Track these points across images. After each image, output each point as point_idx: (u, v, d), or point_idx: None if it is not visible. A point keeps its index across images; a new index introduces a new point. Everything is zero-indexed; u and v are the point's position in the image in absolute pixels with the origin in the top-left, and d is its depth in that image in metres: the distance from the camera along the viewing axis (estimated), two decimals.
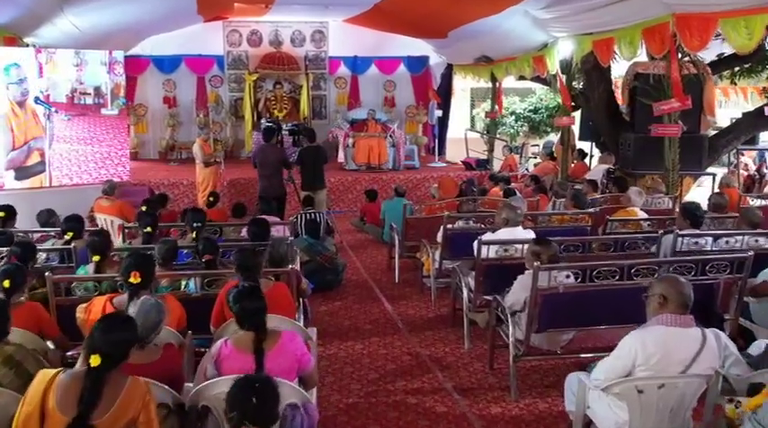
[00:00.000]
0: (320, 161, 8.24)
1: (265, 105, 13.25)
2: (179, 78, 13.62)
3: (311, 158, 8.17)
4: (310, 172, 8.23)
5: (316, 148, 8.29)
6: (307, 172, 8.26)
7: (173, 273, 4.07)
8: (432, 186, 8.49)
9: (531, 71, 10.68)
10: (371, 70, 14.23)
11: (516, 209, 4.91)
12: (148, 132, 13.69)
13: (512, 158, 11.45)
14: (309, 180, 8.24)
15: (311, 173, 8.22)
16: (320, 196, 8.27)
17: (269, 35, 13.73)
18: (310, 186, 8.21)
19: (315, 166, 8.21)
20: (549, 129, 16.48)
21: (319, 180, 8.28)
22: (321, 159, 8.25)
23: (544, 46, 10.14)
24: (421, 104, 14.17)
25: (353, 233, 9.17)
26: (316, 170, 8.23)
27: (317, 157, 8.21)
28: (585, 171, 10.27)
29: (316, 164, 8.20)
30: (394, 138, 11.56)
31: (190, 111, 13.66)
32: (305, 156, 8.20)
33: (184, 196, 10.40)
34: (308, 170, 8.24)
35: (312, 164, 8.18)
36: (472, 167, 11.30)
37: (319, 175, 8.28)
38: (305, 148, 8.36)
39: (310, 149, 8.27)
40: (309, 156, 8.18)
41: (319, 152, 8.29)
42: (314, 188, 8.21)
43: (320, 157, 8.24)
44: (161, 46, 13.29)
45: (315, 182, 8.23)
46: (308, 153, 8.23)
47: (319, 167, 8.27)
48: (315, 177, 8.22)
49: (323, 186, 8.37)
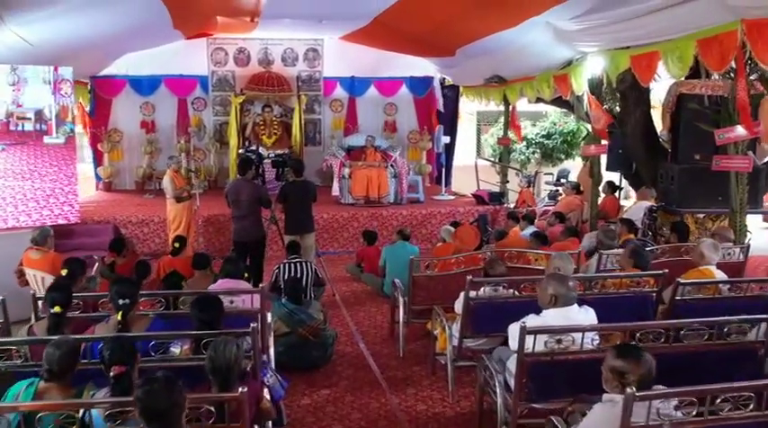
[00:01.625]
0: (308, 199, 6.91)
1: (253, 130, 11.96)
2: (158, 101, 12.36)
3: (297, 195, 6.83)
4: (296, 212, 6.89)
5: (303, 184, 6.95)
6: (292, 212, 6.92)
7: (65, 403, 2.60)
8: (443, 228, 7.11)
9: (550, 92, 9.38)
10: (370, 92, 12.98)
11: (567, 281, 3.52)
12: (124, 160, 12.39)
13: (527, 192, 10.11)
14: (295, 222, 6.90)
15: (297, 214, 6.88)
16: (308, 241, 6.91)
17: (258, 53, 12.50)
18: (296, 229, 6.87)
19: (302, 205, 6.87)
20: (564, 156, 15.21)
21: (307, 222, 6.94)
22: (309, 196, 6.92)
23: (568, 63, 8.89)
24: (425, 129, 12.89)
25: (348, 281, 7.78)
26: (303, 209, 6.90)
27: (304, 194, 6.87)
28: (616, 207, 8.92)
29: (303, 202, 6.87)
30: (395, 168, 10.24)
31: (170, 136, 12.38)
32: (289, 192, 6.87)
33: (155, 235, 9.04)
34: (293, 210, 6.90)
35: (298, 202, 6.84)
36: (484, 201, 9.95)
37: (307, 216, 6.95)
38: (290, 183, 7.01)
39: (296, 185, 6.93)
40: (295, 192, 6.84)
41: (307, 188, 6.95)
42: (300, 231, 6.86)
43: (308, 194, 6.91)
44: (138, 65, 12.06)
45: (301, 224, 6.89)
46: (292, 189, 6.89)
47: (307, 206, 6.93)
48: (301, 218, 6.88)
49: (311, 229, 7.02)
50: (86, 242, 8.26)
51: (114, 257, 6.60)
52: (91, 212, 9.26)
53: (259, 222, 6.76)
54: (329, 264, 8.53)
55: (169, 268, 6.53)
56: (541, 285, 3.55)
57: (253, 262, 6.79)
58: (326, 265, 8.36)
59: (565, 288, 3.46)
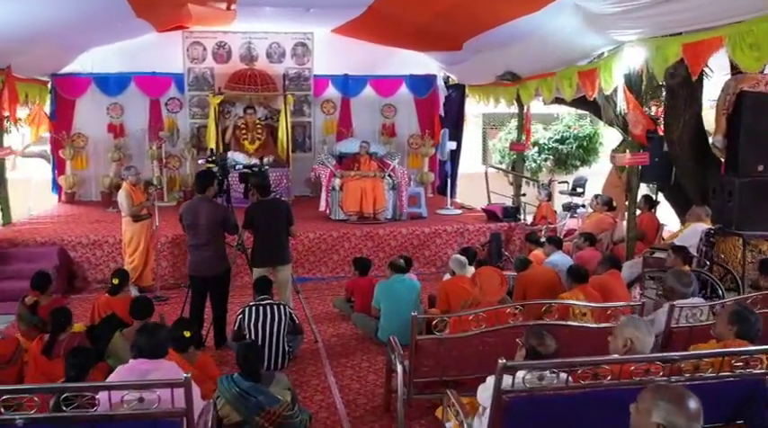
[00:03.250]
0: (280, 222, 5.53)
1: (234, 135, 10.61)
2: (128, 101, 10.99)
3: (266, 219, 5.45)
4: (265, 239, 5.51)
5: (272, 204, 5.55)
6: (260, 240, 5.54)
7: None
8: (453, 258, 5.71)
9: (573, 91, 8.03)
10: (366, 92, 11.61)
11: (677, 397, 2.11)
12: (89, 168, 11.02)
13: (547, 206, 8.72)
14: (264, 252, 5.52)
15: (267, 242, 5.50)
16: (282, 275, 5.53)
17: (240, 49, 11.14)
18: (265, 261, 5.50)
19: (272, 231, 5.49)
20: (579, 162, 13.83)
21: (279, 251, 5.55)
22: (281, 219, 5.54)
23: (598, 56, 7.54)
24: (427, 133, 11.52)
25: (335, 320, 6.40)
26: (274, 236, 5.52)
27: (274, 217, 5.49)
28: (655, 226, 7.56)
29: (274, 226, 5.49)
30: (394, 179, 8.86)
31: (141, 141, 11.01)
32: (256, 215, 5.49)
33: (110, 259, 7.66)
34: (261, 237, 5.52)
35: (268, 227, 5.46)
36: (497, 217, 8.57)
37: (279, 244, 5.57)
38: (256, 205, 5.60)
39: (264, 206, 5.55)
40: (263, 215, 5.47)
41: (278, 209, 5.57)
42: (271, 263, 5.48)
43: (279, 217, 5.53)
44: (105, 62, 10.72)
45: (272, 254, 5.51)
46: (260, 211, 5.51)
47: (278, 232, 5.55)
48: (272, 247, 5.50)
49: (285, 260, 5.63)
50: (25, 269, 6.89)
51: (37, 296, 5.24)
52: (35, 231, 7.89)
53: (222, 252, 5.38)
54: (314, 295, 7.19)
55: (107, 310, 5.19)
56: (643, 402, 2.11)
57: (214, 303, 5.43)
58: (310, 297, 7.02)
59: (681, 414, 2.04)
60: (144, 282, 7.29)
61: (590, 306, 4.08)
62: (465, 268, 5.58)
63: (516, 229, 8.47)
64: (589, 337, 3.80)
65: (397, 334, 5.35)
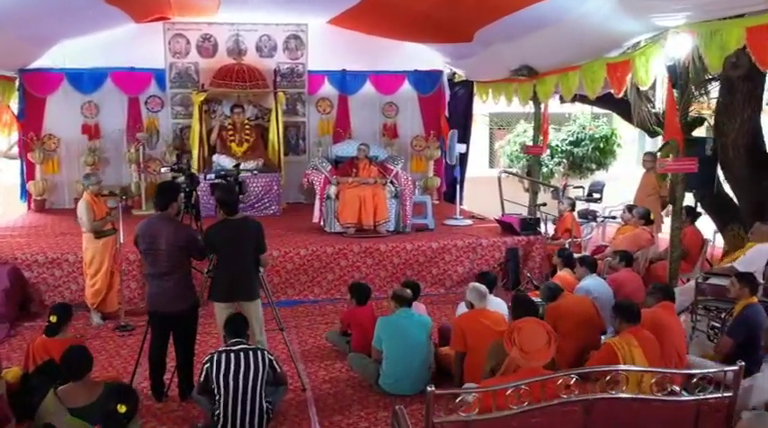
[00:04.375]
0: (246, 247, 4.46)
1: (220, 136, 9.63)
2: (104, 100, 9.98)
3: (229, 243, 4.42)
4: (228, 268, 4.46)
5: (239, 225, 4.48)
6: (222, 268, 4.50)
7: None
8: (471, 288, 4.67)
9: (598, 87, 7.04)
10: (365, 89, 10.61)
11: None
12: (61, 173, 10.03)
13: (571, 216, 7.71)
14: (226, 284, 4.47)
15: (230, 271, 4.46)
16: (252, 310, 4.48)
17: (227, 41, 10.13)
18: (227, 295, 4.46)
19: (237, 258, 4.43)
20: (595, 166, 12.83)
21: (244, 283, 4.49)
22: (249, 244, 4.46)
23: (632, 46, 6.57)
24: (432, 134, 10.53)
25: (328, 358, 5.39)
26: (239, 264, 4.45)
27: (239, 241, 4.43)
28: (699, 241, 6.57)
29: (239, 252, 4.43)
30: (397, 186, 7.86)
31: (118, 143, 10.03)
32: (217, 238, 4.41)
33: (71, 280, 6.64)
34: (223, 265, 4.48)
35: (232, 253, 4.42)
36: (514, 230, 7.56)
37: (245, 275, 4.48)
38: (218, 225, 4.47)
39: (229, 227, 4.45)
40: (226, 238, 4.41)
41: (246, 231, 4.48)
42: (234, 298, 4.45)
43: (246, 241, 4.46)
44: (79, 56, 9.69)
45: (236, 287, 4.46)
46: (222, 233, 4.42)
47: (245, 259, 4.47)
48: (237, 279, 4.45)
49: (251, 295, 4.52)
50: None
51: None
52: None
53: (187, 283, 4.37)
54: (304, 323, 6.20)
55: (43, 356, 4.21)
56: None
57: (178, 345, 4.42)
58: (300, 326, 6.05)
59: None
60: (108, 308, 6.31)
61: (673, 372, 3.06)
62: (485, 299, 4.58)
63: (536, 244, 7.47)
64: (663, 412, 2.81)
65: (404, 383, 4.40)
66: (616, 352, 3.79)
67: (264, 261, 4.52)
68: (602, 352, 3.91)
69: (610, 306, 5.52)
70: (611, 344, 3.84)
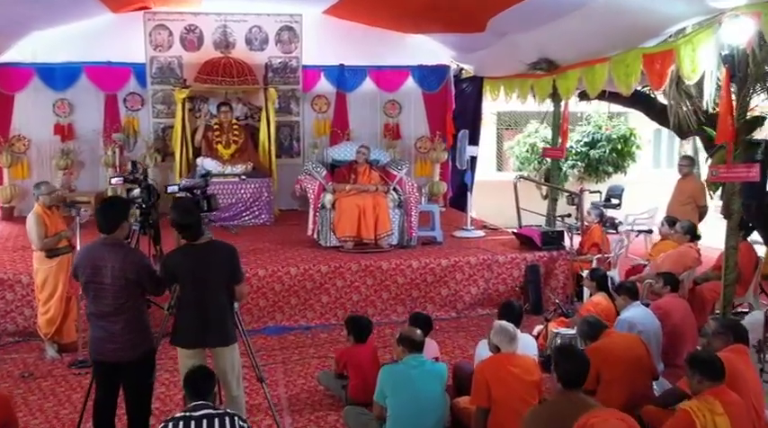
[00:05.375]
0: (217, 281, 3.51)
1: (205, 137, 8.75)
2: (78, 97, 9.10)
3: (193, 275, 3.48)
4: (192, 306, 3.50)
5: (206, 252, 3.51)
6: (185, 306, 3.53)
7: None
8: (497, 328, 3.71)
9: (634, 82, 6.15)
10: (365, 86, 9.71)
11: None
12: (31, 177, 9.07)
13: (599, 229, 6.79)
14: (190, 325, 3.50)
15: (195, 311, 3.50)
16: (223, 361, 3.53)
17: (213, 33, 9.25)
18: (192, 338, 3.51)
19: (203, 293, 3.49)
20: (612, 169, 11.93)
21: (216, 325, 3.50)
22: (219, 276, 3.51)
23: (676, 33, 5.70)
24: (438, 135, 9.63)
25: (319, 409, 4.46)
26: (206, 302, 3.49)
27: (208, 273, 3.48)
28: (752, 261, 5.67)
29: (206, 287, 3.49)
30: (401, 194, 6.96)
31: (95, 145, 9.14)
32: (179, 269, 3.48)
33: (25, 304, 5.74)
34: (187, 302, 3.52)
35: (197, 287, 3.48)
36: (534, 244, 6.64)
37: (216, 314, 3.50)
38: (178, 252, 3.55)
39: (192, 255, 3.49)
40: (189, 269, 3.47)
41: (214, 260, 3.51)
42: (202, 342, 3.52)
43: (217, 273, 3.50)
44: (51, 50, 8.83)
45: (204, 330, 3.48)
46: (185, 263, 3.49)
47: (215, 294, 3.52)
48: (204, 319, 3.48)
49: (226, 340, 3.55)
50: None
51: None
52: None
53: (140, 324, 3.45)
54: (294, 356, 5.31)
55: None
56: None
57: (129, 403, 3.49)
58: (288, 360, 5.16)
59: None
60: (65, 339, 5.41)
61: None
62: (515, 343, 3.68)
63: (559, 261, 6.57)
64: None
65: None
66: (694, 421, 2.89)
67: (240, 294, 3.60)
68: (677, 421, 3.01)
69: (657, 340, 4.68)
70: (689, 412, 2.94)
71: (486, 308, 6.43)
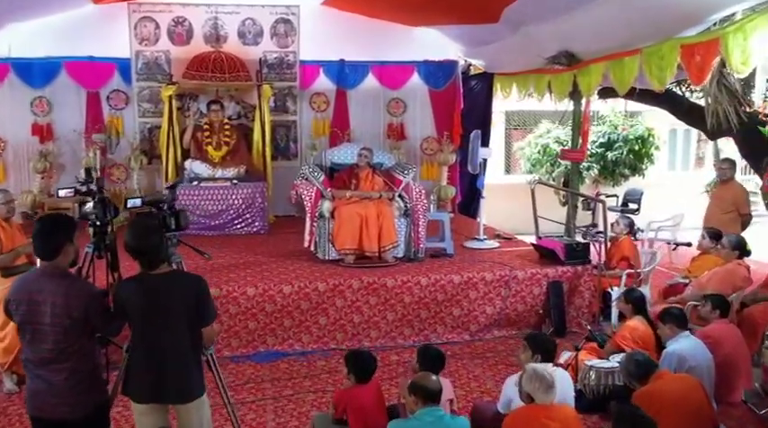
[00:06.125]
0: (178, 322, 2.77)
1: (195, 138, 8.08)
2: (57, 95, 8.45)
3: (149, 313, 2.75)
4: (149, 352, 2.79)
5: (165, 284, 2.76)
6: (140, 352, 2.82)
7: None
8: (531, 372, 3.04)
9: (670, 75, 5.48)
10: (368, 83, 9.04)
11: None
12: (7, 181, 8.42)
13: (628, 241, 6.10)
14: (145, 376, 2.79)
15: (152, 358, 2.78)
16: (191, 416, 2.83)
17: (203, 26, 8.57)
18: (148, 391, 2.80)
19: (162, 337, 2.76)
20: (629, 171, 11.25)
21: (178, 378, 2.80)
22: (180, 313, 2.77)
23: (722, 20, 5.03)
24: (446, 136, 8.95)
25: None
26: (164, 348, 2.78)
27: (168, 311, 2.76)
28: None
29: (166, 329, 2.77)
30: (407, 201, 6.28)
31: (76, 147, 8.47)
32: (131, 305, 2.76)
33: None
34: (142, 346, 2.81)
35: (153, 329, 2.77)
36: (556, 258, 5.95)
37: (175, 364, 2.79)
38: (131, 284, 2.80)
39: (148, 287, 2.76)
40: (144, 306, 2.75)
41: (177, 293, 2.78)
42: (161, 397, 2.81)
43: (177, 310, 2.77)
44: (28, 43, 8.17)
45: (162, 381, 2.77)
46: (136, 299, 2.75)
47: (174, 338, 2.79)
48: (163, 369, 2.77)
49: (190, 394, 2.84)
50: None
51: None
52: None
53: (88, 375, 2.77)
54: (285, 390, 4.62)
55: None
56: None
57: None
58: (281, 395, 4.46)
59: None
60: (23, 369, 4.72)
61: None
62: (552, 392, 3.00)
63: (584, 276, 5.88)
64: None
65: None
66: None
67: (209, 337, 2.92)
68: None
69: (710, 377, 4.00)
70: None
71: (502, 330, 5.75)
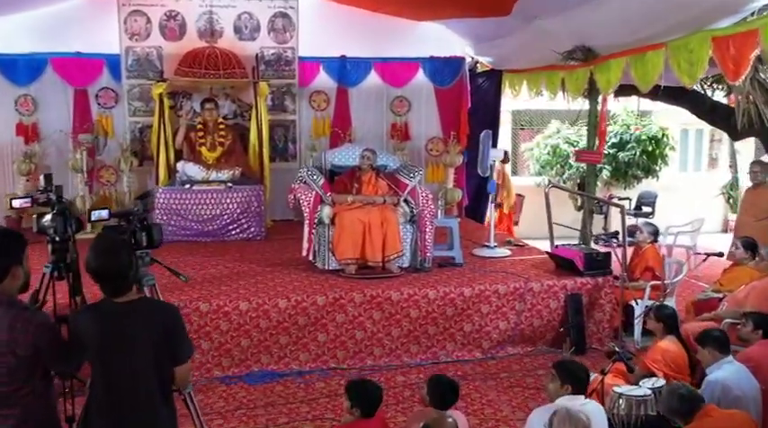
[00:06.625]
0: (142, 357, 2.28)
1: (188, 139, 7.66)
2: (43, 93, 8.02)
3: (110, 349, 2.27)
4: (109, 393, 2.31)
5: (132, 315, 2.27)
6: (99, 392, 2.33)
7: None
8: (563, 417, 2.61)
9: (699, 71, 5.05)
10: (370, 80, 8.61)
11: None
12: None
13: (653, 250, 5.65)
14: (107, 423, 2.31)
15: (121, 402, 2.30)
16: None
17: (197, 21, 8.13)
18: None
19: (125, 377, 2.27)
20: (642, 173, 10.80)
21: (145, 425, 2.34)
22: (146, 350, 2.28)
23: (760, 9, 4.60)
24: (453, 136, 8.51)
25: None
26: (127, 389, 2.29)
27: (134, 347, 2.27)
28: None
29: (130, 368, 2.27)
30: (413, 206, 5.84)
31: (62, 148, 8.03)
32: (89, 339, 2.28)
33: None
34: (106, 390, 2.31)
35: (114, 368, 2.28)
36: (575, 268, 5.49)
37: (146, 407, 2.32)
38: (90, 314, 2.32)
39: (109, 318, 2.28)
40: (104, 342, 2.27)
41: (144, 326, 2.28)
42: None
43: (144, 346, 2.28)
44: (11, 39, 7.73)
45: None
46: (96, 332, 2.27)
47: (139, 379, 2.30)
48: (132, 415, 2.29)
49: None
50: None
51: None
52: None
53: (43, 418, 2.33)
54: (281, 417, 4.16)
55: None
56: None
57: None
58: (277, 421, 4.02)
59: None
60: None
61: None
62: None
63: (605, 288, 5.43)
64: None
65: None
66: None
67: (182, 379, 2.45)
68: None
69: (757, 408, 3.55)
70: None
71: (517, 347, 5.31)
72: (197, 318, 4.78)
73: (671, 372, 4.04)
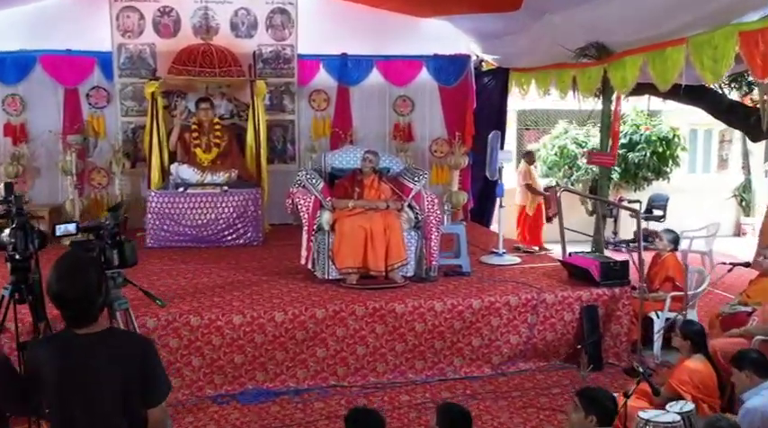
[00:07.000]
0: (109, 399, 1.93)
1: (182, 140, 7.36)
2: (32, 92, 7.75)
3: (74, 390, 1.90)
4: None
5: (97, 349, 1.94)
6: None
7: None
8: None
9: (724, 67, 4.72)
10: (372, 79, 8.31)
11: None
12: None
13: (673, 258, 5.32)
14: None
15: None
16: None
17: (192, 17, 7.84)
18: None
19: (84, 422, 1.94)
20: (653, 175, 10.48)
21: None
22: (114, 391, 1.93)
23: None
24: (458, 137, 8.19)
25: None
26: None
27: (100, 387, 1.91)
28: None
29: (99, 410, 1.93)
30: (418, 212, 5.51)
31: (52, 149, 7.74)
32: (48, 377, 1.91)
33: None
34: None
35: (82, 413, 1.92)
36: (590, 278, 5.16)
37: None
38: (50, 347, 1.98)
39: (72, 353, 1.93)
40: (65, 381, 1.90)
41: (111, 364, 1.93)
42: None
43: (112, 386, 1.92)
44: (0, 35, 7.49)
45: None
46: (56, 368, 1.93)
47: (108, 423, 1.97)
48: None
49: None
50: None
51: None
52: None
53: None
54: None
55: None
56: None
57: None
58: None
59: None
60: None
61: None
62: None
63: (622, 300, 5.10)
64: None
65: None
66: None
67: (157, 422, 2.11)
68: None
69: None
70: None
71: (529, 362, 4.98)
72: (187, 333, 4.47)
73: (699, 395, 3.74)
